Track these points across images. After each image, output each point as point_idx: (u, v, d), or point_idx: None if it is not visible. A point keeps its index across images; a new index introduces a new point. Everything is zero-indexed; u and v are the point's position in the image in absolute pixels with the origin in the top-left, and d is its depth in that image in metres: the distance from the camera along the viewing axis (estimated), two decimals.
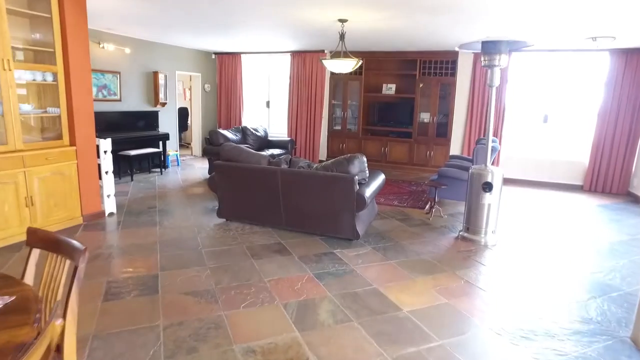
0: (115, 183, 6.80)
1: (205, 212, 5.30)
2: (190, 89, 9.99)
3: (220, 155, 4.70)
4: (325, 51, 9.04)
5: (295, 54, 9.27)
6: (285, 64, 9.57)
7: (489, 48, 4.12)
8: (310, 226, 4.51)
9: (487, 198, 4.43)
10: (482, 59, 4.27)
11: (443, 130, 8.70)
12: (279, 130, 9.87)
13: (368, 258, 4.00)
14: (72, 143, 4.50)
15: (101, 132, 6.86)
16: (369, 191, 4.25)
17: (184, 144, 11.86)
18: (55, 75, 4.30)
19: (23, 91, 4.33)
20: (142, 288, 3.24)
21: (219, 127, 10.39)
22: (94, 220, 4.80)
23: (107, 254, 3.89)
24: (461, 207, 6.00)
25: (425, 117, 8.79)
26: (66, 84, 4.37)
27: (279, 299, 3.12)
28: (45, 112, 4.41)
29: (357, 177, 4.13)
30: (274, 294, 3.21)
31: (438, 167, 8.65)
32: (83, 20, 4.42)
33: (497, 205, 4.50)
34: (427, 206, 5.91)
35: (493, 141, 6.41)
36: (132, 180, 7.07)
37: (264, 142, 8.47)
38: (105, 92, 7.37)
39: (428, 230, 4.96)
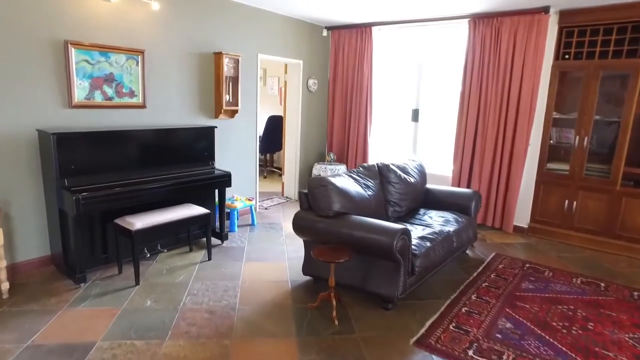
0: (98, 295, 2.65)
1: None
2: (285, 87, 6.04)
3: None
4: (551, 11, 4.37)
5: (479, 19, 4.73)
6: (456, 41, 5.08)
7: None
8: None
9: None
10: None
11: None
12: (435, 165, 5.41)
13: None
14: None
15: (81, 175, 3.11)
16: None
17: (276, 170, 8.02)
18: None
19: None
20: None
21: (329, 150, 6.28)
22: None
23: None
24: None
25: None
26: None
27: None
28: None
29: None
30: None
31: None
32: None
33: None
34: None
35: None
36: (137, 283, 3.23)
37: (420, 195, 4.09)
38: (110, 91, 3.67)
39: None
